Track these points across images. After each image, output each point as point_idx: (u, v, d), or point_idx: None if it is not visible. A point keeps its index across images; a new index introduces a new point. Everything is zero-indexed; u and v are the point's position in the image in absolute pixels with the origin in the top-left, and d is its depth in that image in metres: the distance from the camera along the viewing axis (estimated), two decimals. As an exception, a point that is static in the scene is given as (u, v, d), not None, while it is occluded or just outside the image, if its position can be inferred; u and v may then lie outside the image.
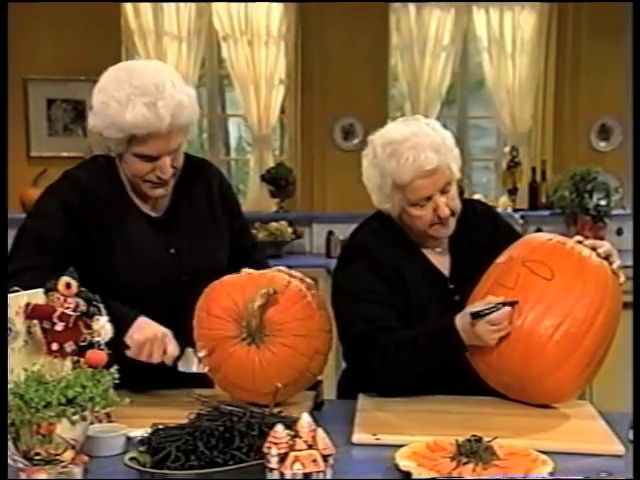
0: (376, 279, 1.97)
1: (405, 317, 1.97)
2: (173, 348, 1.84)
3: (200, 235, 2.04)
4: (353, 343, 1.96)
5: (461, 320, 1.81)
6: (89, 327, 1.68)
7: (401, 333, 1.91)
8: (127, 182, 1.99)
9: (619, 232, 4.86)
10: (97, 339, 1.67)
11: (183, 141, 1.92)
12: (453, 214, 2.00)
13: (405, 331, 1.92)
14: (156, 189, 1.94)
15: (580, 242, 1.91)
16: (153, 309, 1.87)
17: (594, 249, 1.88)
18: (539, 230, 4.31)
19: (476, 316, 1.77)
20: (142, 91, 1.81)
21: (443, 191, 1.96)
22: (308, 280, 1.94)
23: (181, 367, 1.88)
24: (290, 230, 4.66)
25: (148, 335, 1.82)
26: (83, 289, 1.69)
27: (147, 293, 1.92)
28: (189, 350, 1.88)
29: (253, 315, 1.77)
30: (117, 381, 1.51)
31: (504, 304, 1.77)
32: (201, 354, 1.82)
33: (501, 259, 1.92)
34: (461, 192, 4.57)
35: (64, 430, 1.38)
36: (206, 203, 2.08)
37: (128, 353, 1.80)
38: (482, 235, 2.10)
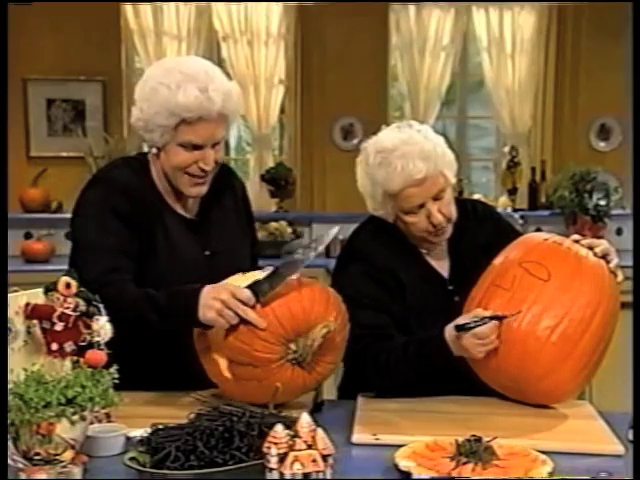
0: (372, 283, 1.98)
1: (403, 320, 1.98)
2: (246, 296, 1.72)
3: (231, 238, 2.06)
4: (347, 347, 1.96)
5: (449, 332, 1.82)
6: (89, 327, 1.68)
7: (394, 340, 1.92)
8: (160, 183, 1.98)
9: (619, 232, 4.86)
10: (97, 339, 1.67)
11: (225, 134, 1.94)
12: (448, 220, 1.99)
13: (398, 337, 1.93)
14: (194, 187, 1.94)
15: (577, 241, 1.91)
16: None
17: (591, 248, 1.88)
18: (539, 230, 4.32)
19: (461, 329, 1.77)
20: (193, 77, 1.84)
21: (436, 198, 1.96)
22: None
23: None
24: (290, 230, 4.66)
25: (216, 306, 1.72)
26: (83, 289, 1.69)
27: None
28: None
29: (311, 352, 1.73)
30: (117, 381, 1.51)
31: (491, 318, 1.76)
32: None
33: (498, 260, 1.92)
34: (460, 192, 4.60)
35: (64, 430, 1.38)
36: (233, 208, 2.10)
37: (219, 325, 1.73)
38: (483, 236, 2.10)
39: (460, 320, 1.79)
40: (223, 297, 1.71)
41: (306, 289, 1.78)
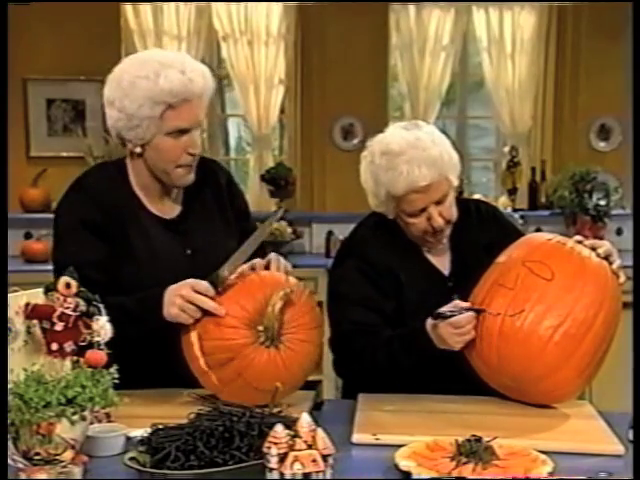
0: (365, 281, 2.00)
1: (397, 318, 1.98)
2: (204, 287, 1.79)
3: (213, 235, 2.05)
4: (335, 343, 2.03)
5: (429, 322, 1.84)
6: (89, 327, 1.68)
7: (379, 336, 1.93)
8: (138, 185, 2.00)
9: (619, 232, 4.86)
10: (97, 339, 1.67)
11: (204, 118, 1.97)
12: (448, 222, 2.00)
13: (383, 333, 1.95)
14: (185, 176, 1.95)
15: (580, 242, 1.91)
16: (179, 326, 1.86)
17: (594, 249, 1.88)
18: (539, 230, 4.31)
19: (437, 317, 1.81)
20: (169, 64, 1.86)
21: (438, 202, 1.97)
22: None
23: None
24: (290, 230, 4.66)
25: (177, 302, 1.78)
26: (83, 289, 1.69)
27: None
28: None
29: (275, 319, 1.76)
30: (117, 381, 1.51)
31: (469, 309, 1.79)
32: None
33: (501, 259, 1.92)
34: (461, 192, 4.60)
35: (64, 430, 1.38)
36: (216, 202, 2.09)
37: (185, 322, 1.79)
38: (485, 235, 2.10)
39: (438, 310, 1.83)
40: (183, 292, 1.78)
41: (263, 274, 1.87)
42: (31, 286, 1.72)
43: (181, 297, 1.77)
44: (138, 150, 1.93)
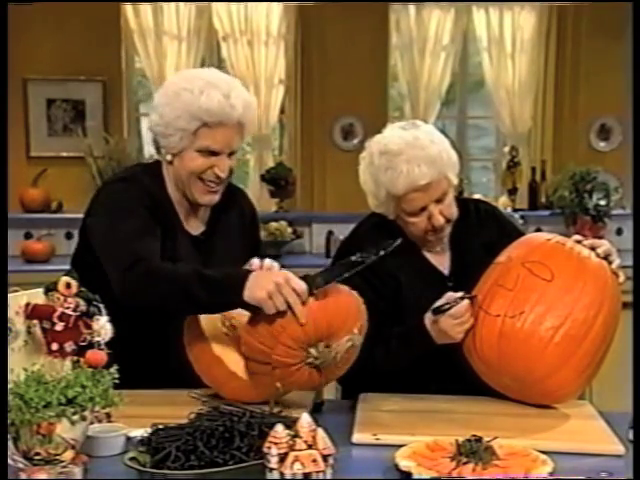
0: (362, 282, 1.99)
1: (397, 318, 1.99)
2: (301, 287, 1.68)
3: (232, 259, 2.01)
4: None
5: (428, 318, 1.87)
6: (89, 327, 1.68)
7: (377, 336, 1.93)
8: (173, 194, 2.00)
9: (619, 232, 4.86)
10: (97, 339, 1.67)
11: (240, 145, 1.99)
12: (448, 221, 2.00)
13: (381, 334, 1.94)
14: (207, 194, 1.96)
15: (579, 242, 1.91)
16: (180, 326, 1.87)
17: (593, 249, 1.88)
18: (539, 230, 4.32)
19: (437, 311, 1.83)
20: (215, 84, 1.89)
21: (438, 200, 1.97)
22: None
23: None
24: (290, 230, 4.66)
25: (269, 288, 1.67)
26: (83, 289, 1.70)
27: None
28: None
29: (332, 362, 1.70)
30: (117, 381, 1.51)
31: (463, 298, 1.83)
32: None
33: (500, 259, 1.92)
34: (461, 192, 4.60)
35: (64, 430, 1.38)
36: (239, 228, 2.11)
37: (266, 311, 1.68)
38: (484, 235, 2.10)
39: (435, 305, 1.84)
40: (279, 280, 1.67)
41: (337, 296, 1.73)
42: (31, 286, 1.72)
43: (276, 285, 1.66)
44: (169, 158, 1.95)
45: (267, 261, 1.88)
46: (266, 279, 1.69)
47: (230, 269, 1.82)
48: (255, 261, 1.88)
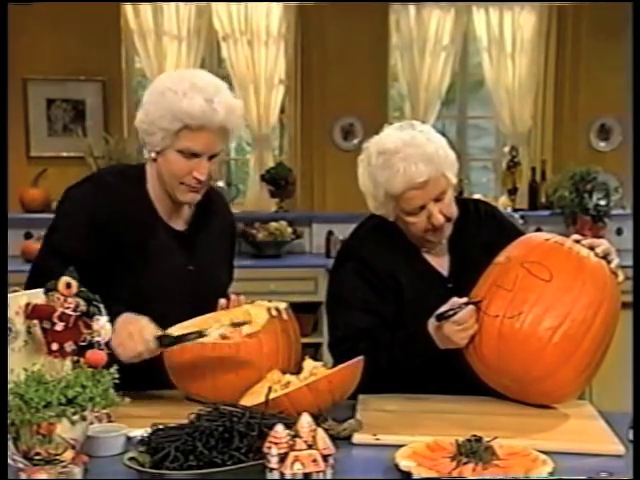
0: (363, 284, 2.00)
1: (397, 320, 1.98)
2: (150, 332, 1.78)
3: (214, 257, 2.09)
4: (334, 347, 2.04)
5: (431, 324, 1.85)
6: (89, 327, 1.68)
7: (379, 340, 1.94)
8: (154, 192, 2.01)
9: (619, 232, 4.86)
10: (97, 339, 1.67)
11: (223, 149, 2.01)
12: (449, 220, 2.00)
13: (383, 337, 1.95)
14: (189, 193, 1.97)
15: (578, 241, 1.90)
16: (165, 322, 1.87)
17: (592, 248, 1.88)
18: (539, 230, 4.31)
19: (440, 318, 1.81)
20: (200, 88, 1.89)
21: (437, 199, 1.96)
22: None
23: None
24: (290, 230, 4.66)
25: (127, 330, 1.77)
26: (83, 289, 1.69)
27: (162, 303, 1.93)
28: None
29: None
30: (117, 381, 1.51)
31: (467, 304, 1.81)
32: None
33: (499, 259, 1.92)
34: (461, 192, 4.60)
35: (64, 430, 1.38)
36: (219, 229, 2.14)
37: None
38: (484, 235, 2.10)
39: (439, 310, 1.83)
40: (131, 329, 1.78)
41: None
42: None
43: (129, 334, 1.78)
44: (153, 155, 1.96)
45: (232, 296, 1.97)
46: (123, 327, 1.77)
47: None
48: (222, 301, 1.94)
